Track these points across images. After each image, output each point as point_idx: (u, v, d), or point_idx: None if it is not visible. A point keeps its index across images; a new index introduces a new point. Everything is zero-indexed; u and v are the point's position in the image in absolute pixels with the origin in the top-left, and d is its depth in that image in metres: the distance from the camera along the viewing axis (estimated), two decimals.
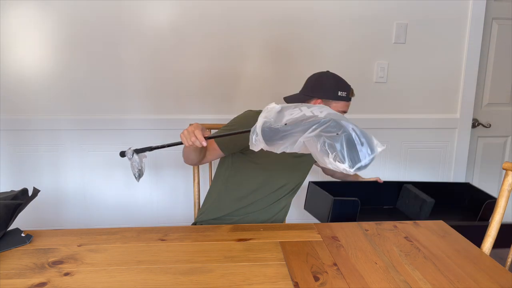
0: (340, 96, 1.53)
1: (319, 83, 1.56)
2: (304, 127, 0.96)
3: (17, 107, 2.17)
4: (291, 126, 0.97)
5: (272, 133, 0.99)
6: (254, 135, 1.01)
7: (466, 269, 1.12)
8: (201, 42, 2.17)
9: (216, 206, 1.59)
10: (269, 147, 1.03)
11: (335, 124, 0.94)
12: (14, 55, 2.11)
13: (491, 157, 2.55)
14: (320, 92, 1.54)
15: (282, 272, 1.08)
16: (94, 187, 2.28)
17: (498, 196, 1.33)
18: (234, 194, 1.57)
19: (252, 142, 1.03)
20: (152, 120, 2.22)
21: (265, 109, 1.04)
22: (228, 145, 1.49)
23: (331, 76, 1.57)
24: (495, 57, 2.41)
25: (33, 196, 1.28)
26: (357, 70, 2.29)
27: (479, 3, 2.27)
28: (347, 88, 1.55)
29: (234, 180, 1.58)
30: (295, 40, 2.22)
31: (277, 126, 0.98)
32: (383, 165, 2.40)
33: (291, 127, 0.97)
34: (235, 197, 1.57)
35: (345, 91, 1.53)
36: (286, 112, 1.01)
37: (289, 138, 0.98)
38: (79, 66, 2.15)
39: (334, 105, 1.53)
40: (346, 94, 1.53)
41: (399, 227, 1.38)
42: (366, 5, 2.22)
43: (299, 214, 2.39)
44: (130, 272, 1.08)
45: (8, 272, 1.08)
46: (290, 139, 0.98)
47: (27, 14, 2.08)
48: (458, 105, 2.39)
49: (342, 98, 1.53)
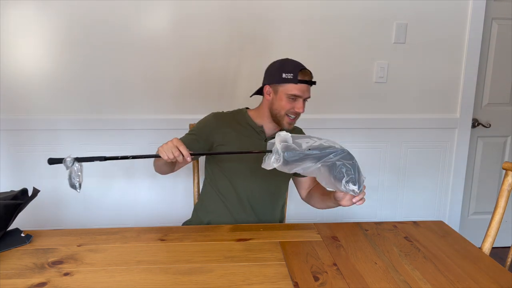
0: (285, 78, 1.44)
1: (267, 69, 1.53)
2: (324, 153, 1.13)
3: (17, 107, 2.17)
4: (312, 151, 1.13)
5: (294, 156, 1.13)
6: (275, 155, 1.13)
7: (466, 269, 1.12)
8: (201, 42, 2.17)
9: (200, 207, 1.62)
10: (284, 168, 1.15)
11: (347, 154, 1.15)
12: (14, 55, 2.11)
13: (491, 157, 2.55)
14: (266, 79, 1.51)
15: (282, 272, 1.08)
16: (94, 187, 2.27)
17: (498, 196, 1.34)
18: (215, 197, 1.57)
19: (269, 162, 1.15)
20: (152, 120, 2.22)
21: (277, 134, 1.16)
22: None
23: (278, 61, 1.51)
24: (495, 57, 2.40)
25: (33, 196, 1.28)
26: (357, 70, 2.28)
27: (479, 3, 2.27)
28: (294, 70, 1.44)
29: (212, 183, 1.58)
30: (295, 40, 2.22)
31: (300, 150, 1.13)
32: (383, 165, 2.40)
33: (312, 152, 1.13)
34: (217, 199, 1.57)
35: (291, 73, 1.43)
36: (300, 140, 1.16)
37: (306, 161, 1.13)
38: (79, 66, 2.15)
39: (282, 89, 1.45)
40: (293, 76, 1.43)
41: (399, 227, 1.38)
42: (366, 5, 2.21)
43: (299, 214, 2.39)
44: (129, 272, 1.08)
45: (8, 272, 1.08)
46: (306, 163, 1.13)
47: (27, 14, 2.07)
48: (458, 105, 2.39)
49: (288, 80, 1.43)
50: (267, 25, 2.18)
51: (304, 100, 1.48)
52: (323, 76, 2.27)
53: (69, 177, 1.24)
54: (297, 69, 1.45)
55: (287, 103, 1.45)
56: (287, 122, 1.49)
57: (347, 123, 2.32)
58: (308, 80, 1.46)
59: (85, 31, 2.12)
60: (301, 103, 1.46)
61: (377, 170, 2.40)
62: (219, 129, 1.53)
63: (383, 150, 2.39)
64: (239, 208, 1.53)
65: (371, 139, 2.36)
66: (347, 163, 1.13)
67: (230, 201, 1.53)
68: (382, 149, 2.39)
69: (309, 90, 1.49)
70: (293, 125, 1.52)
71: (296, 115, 1.49)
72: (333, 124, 2.31)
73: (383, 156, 2.40)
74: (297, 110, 1.46)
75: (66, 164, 1.23)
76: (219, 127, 1.53)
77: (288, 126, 1.50)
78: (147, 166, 2.23)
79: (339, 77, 2.28)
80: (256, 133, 1.54)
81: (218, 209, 1.54)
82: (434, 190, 2.47)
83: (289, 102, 1.45)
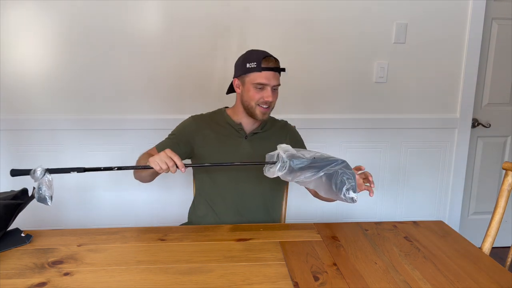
0: (249, 67, 1.42)
1: (235, 63, 1.53)
2: (327, 162, 1.17)
3: (17, 107, 2.17)
4: (318, 160, 1.17)
5: (300, 163, 1.16)
6: (280, 163, 1.16)
7: (466, 269, 1.12)
8: (201, 42, 2.17)
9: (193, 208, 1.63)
10: (286, 176, 1.18)
11: (347, 164, 1.19)
12: (14, 55, 2.11)
13: (491, 157, 2.55)
14: (235, 73, 1.51)
15: (282, 272, 1.08)
16: (94, 187, 2.27)
17: (498, 196, 1.34)
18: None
19: (274, 170, 1.17)
20: (152, 120, 2.22)
21: (279, 146, 1.20)
22: None
23: (244, 53, 1.51)
24: (495, 57, 2.40)
25: (33, 196, 1.28)
26: (357, 70, 2.28)
27: (479, 3, 2.27)
28: (257, 58, 1.42)
29: (201, 189, 1.59)
30: (295, 40, 2.21)
31: (306, 158, 1.17)
32: (383, 165, 2.40)
33: (316, 161, 1.17)
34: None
35: (254, 62, 1.42)
36: (302, 151, 1.19)
37: (309, 170, 1.16)
38: (79, 66, 2.15)
39: (248, 80, 1.44)
40: (256, 64, 1.41)
41: (399, 227, 1.38)
42: (366, 5, 2.21)
43: (299, 214, 2.39)
44: (129, 272, 1.08)
45: (8, 272, 1.08)
46: (309, 171, 1.16)
47: (27, 14, 2.07)
48: (458, 105, 2.39)
49: (252, 69, 1.42)
50: (266, 26, 2.18)
51: (274, 88, 1.45)
52: (323, 76, 2.28)
53: (37, 189, 1.13)
54: (261, 57, 1.42)
55: (255, 93, 1.44)
56: (260, 112, 1.46)
57: (347, 123, 2.32)
58: (273, 67, 1.43)
59: (85, 31, 2.12)
60: (269, 91, 1.43)
61: (377, 170, 2.40)
62: (199, 132, 1.53)
63: (383, 150, 2.39)
64: (229, 213, 1.52)
65: (371, 139, 2.36)
66: (348, 172, 1.17)
67: (218, 206, 1.53)
68: (382, 149, 2.39)
69: (277, 77, 1.45)
70: (267, 115, 1.48)
71: (267, 104, 1.45)
72: (333, 124, 2.31)
73: (383, 156, 2.40)
74: (266, 99, 1.43)
75: (36, 176, 1.13)
76: (198, 129, 1.53)
77: (262, 117, 1.47)
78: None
79: (339, 77, 2.28)
80: (235, 131, 1.53)
81: (208, 214, 1.54)
82: (434, 190, 2.47)
83: (257, 92, 1.44)
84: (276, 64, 1.45)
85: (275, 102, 1.49)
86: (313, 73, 2.26)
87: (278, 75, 1.46)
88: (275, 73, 1.44)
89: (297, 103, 2.29)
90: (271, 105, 1.48)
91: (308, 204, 2.39)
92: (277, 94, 1.48)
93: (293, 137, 1.63)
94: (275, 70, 1.44)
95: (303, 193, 2.38)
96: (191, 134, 1.53)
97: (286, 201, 1.73)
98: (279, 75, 1.48)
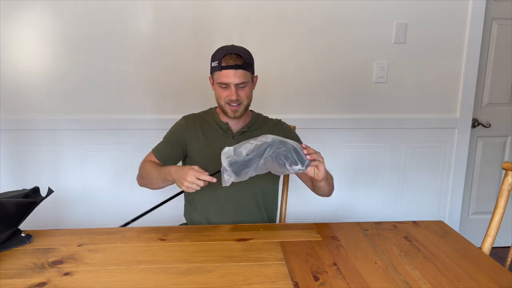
0: (213, 66, 1.42)
1: None
2: (260, 151, 1.19)
3: (17, 107, 2.17)
4: (251, 154, 1.20)
5: (239, 166, 1.20)
6: (226, 173, 1.21)
7: (466, 269, 1.12)
8: (200, 42, 2.17)
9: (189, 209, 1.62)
10: (238, 178, 1.22)
11: (280, 142, 1.20)
12: (14, 55, 2.11)
13: (491, 157, 2.55)
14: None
15: (282, 272, 1.08)
16: (94, 187, 2.28)
17: (498, 196, 1.34)
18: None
19: (224, 180, 1.22)
20: (152, 120, 2.22)
21: (222, 153, 1.22)
22: (166, 161, 1.52)
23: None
24: (495, 57, 2.40)
25: (46, 196, 1.28)
26: (357, 70, 2.29)
27: (479, 3, 2.27)
28: (219, 56, 1.40)
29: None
30: (295, 40, 2.22)
31: (241, 159, 1.20)
32: (383, 165, 2.40)
33: (251, 155, 1.20)
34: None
35: (217, 60, 1.40)
36: (240, 148, 1.22)
37: (251, 165, 1.20)
38: (79, 66, 2.15)
39: (214, 78, 1.45)
40: (217, 63, 1.40)
41: (399, 227, 1.38)
42: (365, 5, 2.22)
43: (299, 214, 2.39)
44: (129, 272, 1.08)
45: (8, 272, 1.08)
46: (252, 165, 1.20)
47: (27, 15, 2.08)
48: (458, 105, 2.39)
49: (215, 68, 1.41)
50: (266, 26, 2.18)
51: (240, 86, 1.41)
52: (323, 76, 2.28)
53: None
54: (222, 55, 1.40)
55: (221, 92, 1.43)
56: (230, 110, 1.45)
57: (347, 123, 2.32)
58: (233, 65, 1.38)
59: (85, 31, 2.12)
60: (232, 90, 1.40)
61: (377, 170, 2.40)
62: (189, 131, 1.54)
63: (383, 150, 2.39)
64: (222, 214, 1.51)
65: (371, 139, 2.37)
66: (282, 152, 1.18)
67: (211, 207, 1.52)
68: (382, 149, 2.39)
69: (239, 74, 1.39)
70: (239, 112, 1.46)
71: (237, 102, 1.43)
72: (333, 124, 2.31)
73: (383, 156, 2.40)
74: (230, 98, 1.41)
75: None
76: (189, 129, 1.54)
77: (233, 114, 1.46)
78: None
79: (339, 77, 2.28)
80: (222, 131, 1.53)
81: (197, 215, 1.54)
82: (434, 190, 2.47)
83: (223, 91, 1.43)
84: (237, 61, 1.39)
85: (247, 99, 1.46)
86: (313, 73, 2.26)
87: (242, 72, 1.40)
88: (236, 71, 1.39)
89: (297, 103, 2.29)
90: (243, 102, 1.45)
91: (308, 204, 2.39)
92: (247, 91, 1.44)
93: (287, 135, 1.55)
94: (235, 68, 1.38)
95: (303, 193, 2.39)
96: (183, 134, 1.54)
97: (286, 201, 1.72)
98: (248, 71, 1.42)
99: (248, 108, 1.51)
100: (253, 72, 1.48)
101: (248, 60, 1.43)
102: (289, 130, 1.63)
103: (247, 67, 1.42)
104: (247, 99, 1.46)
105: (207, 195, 1.51)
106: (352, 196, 2.42)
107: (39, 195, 1.28)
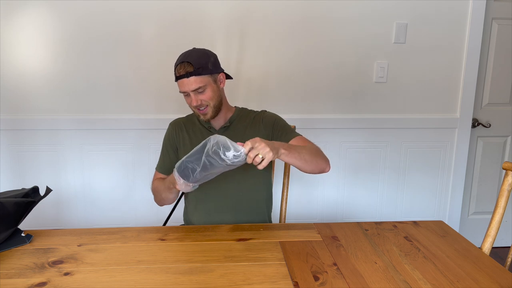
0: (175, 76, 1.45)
1: None
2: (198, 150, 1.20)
3: (17, 107, 2.17)
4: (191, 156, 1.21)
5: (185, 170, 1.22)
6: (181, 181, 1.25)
7: (466, 269, 1.12)
8: (200, 42, 2.17)
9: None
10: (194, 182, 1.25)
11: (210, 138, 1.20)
12: (15, 55, 2.11)
13: (491, 157, 2.55)
14: None
15: (282, 272, 1.08)
16: (94, 187, 2.28)
17: (498, 196, 1.34)
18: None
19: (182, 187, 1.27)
20: (152, 120, 2.22)
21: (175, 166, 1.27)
22: (170, 170, 1.51)
23: None
24: (495, 57, 2.40)
25: (45, 195, 1.29)
26: (357, 70, 2.29)
27: (479, 3, 2.27)
28: (175, 67, 1.44)
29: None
30: (295, 40, 2.22)
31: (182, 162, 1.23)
32: (383, 165, 2.40)
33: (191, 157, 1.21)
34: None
35: (175, 70, 1.43)
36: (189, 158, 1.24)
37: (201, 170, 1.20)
38: (79, 66, 2.15)
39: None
40: (175, 74, 1.43)
41: (399, 227, 1.38)
42: (366, 5, 2.22)
43: (299, 214, 2.39)
44: (130, 271, 1.08)
45: (8, 272, 1.08)
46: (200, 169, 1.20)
47: (27, 14, 2.08)
48: (458, 105, 2.39)
49: (175, 78, 1.44)
50: (266, 26, 2.18)
51: (198, 91, 1.42)
52: (323, 76, 2.28)
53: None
54: (176, 65, 1.43)
55: (186, 99, 1.48)
56: (201, 114, 1.49)
57: (347, 123, 2.32)
58: (183, 74, 1.39)
59: (86, 31, 2.12)
60: (192, 96, 1.43)
61: (377, 170, 2.40)
62: (177, 135, 1.60)
63: (383, 150, 2.39)
64: (218, 213, 1.52)
65: (371, 139, 2.37)
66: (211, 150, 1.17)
67: (206, 207, 1.53)
68: (382, 149, 2.39)
69: (191, 81, 1.40)
70: (208, 114, 1.47)
71: (202, 106, 1.45)
72: (333, 124, 2.31)
73: (383, 156, 2.40)
74: (192, 104, 1.44)
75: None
76: (176, 133, 1.60)
77: (204, 117, 1.49)
78: (148, 167, 2.23)
79: (339, 77, 2.28)
80: (206, 130, 1.57)
81: (194, 215, 1.55)
82: (434, 190, 2.47)
83: (187, 98, 1.47)
84: (188, 68, 1.39)
85: (212, 100, 1.45)
86: (313, 73, 2.27)
87: (194, 78, 1.40)
88: (188, 79, 1.40)
89: (297, 103, 2.29)
90: (209, 104, 1.46)
91: (308, 204, 2.39)
92: (208, 93, 1.44)
93: (268, 123, 1.55)
94: (187, 76, 1.40)
95: (303, 193, 2.39)
96: (173, 139, 1.60)
97: (286, 201, 1.72)
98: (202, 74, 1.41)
99: (219, 107, 1.50)
100: (213, 72, 1.45)
101: (200, 65, 1.41)
102: (269, 118, 1.57)
103: (200, 72, 1.41)
104: (211, 100, 1.46)
105: (207, 195, 1.51)
106: (352, 196, 2.42)
107: (38, 195, 1.29)
